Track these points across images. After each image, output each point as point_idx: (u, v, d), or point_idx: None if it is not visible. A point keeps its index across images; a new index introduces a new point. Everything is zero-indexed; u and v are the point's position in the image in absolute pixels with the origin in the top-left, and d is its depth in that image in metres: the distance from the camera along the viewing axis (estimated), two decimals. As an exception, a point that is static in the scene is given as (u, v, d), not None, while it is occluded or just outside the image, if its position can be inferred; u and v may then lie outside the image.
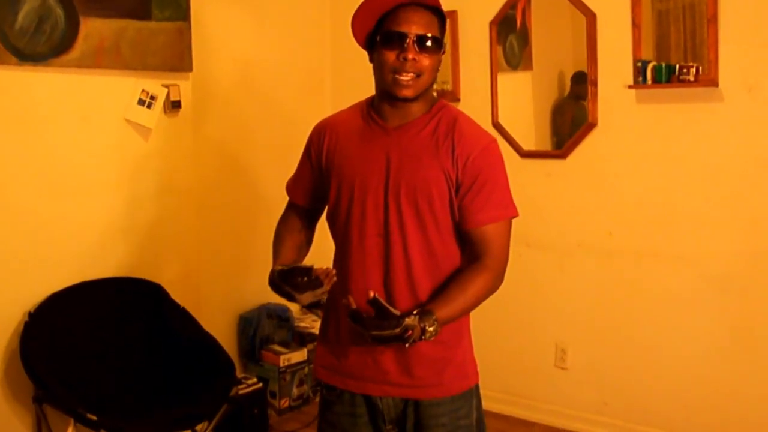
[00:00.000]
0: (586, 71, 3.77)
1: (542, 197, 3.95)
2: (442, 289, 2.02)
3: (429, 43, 1.96)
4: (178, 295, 3.52)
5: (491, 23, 4.01)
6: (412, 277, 2.02)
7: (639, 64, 3.54)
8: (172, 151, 3.67)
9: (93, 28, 3.27)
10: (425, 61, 1.96)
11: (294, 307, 4.42)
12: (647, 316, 3.71)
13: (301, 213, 2.29)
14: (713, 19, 3.34)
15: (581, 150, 3.83)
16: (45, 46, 3.15)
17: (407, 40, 1.94)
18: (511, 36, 4.03)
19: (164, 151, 3.63)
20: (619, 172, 3.74)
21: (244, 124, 4.18)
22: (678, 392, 3.64)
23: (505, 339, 4.13)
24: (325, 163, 2.14)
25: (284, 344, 4.20)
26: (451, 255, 2.06)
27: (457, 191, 2.00)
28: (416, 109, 2.04)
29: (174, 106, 3.61)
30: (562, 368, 3.99)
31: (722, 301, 3.50)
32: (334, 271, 1.96)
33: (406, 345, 1.87)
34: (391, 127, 2.05)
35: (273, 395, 4.08)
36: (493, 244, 2.02)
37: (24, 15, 3.07)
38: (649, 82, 3.53)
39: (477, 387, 2.17)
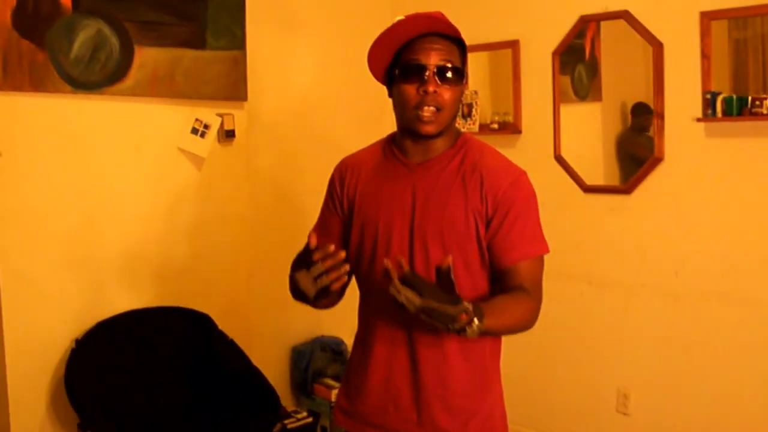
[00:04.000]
0: (646, 102, 3.62)
1: (605, 234, 3.80)
2: (492, 298, 1.86)
3: (450, 75, 1.86)
4: (226, 325, 3.50)
5: (554, 53, 3.90)
6: None
7: (708, 96, 3.37)
8: (225, 180, 3.66)
9: (148, 57, 3.30)
10: (446, 93, 1.86)
11: (348, 341, 4.34)
12: (715, 361, 3.50)
13: None
14: (789, 49, 3.18)
15: (646, 185, 3.67)
16: (99, 75, 3.18)
17: (427, 72, 1.84)
18: (579, 66, 3.91)
19: (217, 181, 3.62)
20: (686, 209, 3.56)
21: (297, 155, 4.13)
22: (748, 444, 3.43)
23: (565, 381, 3.98)
24: (347, 203, 2.05)
25: (337, 378, 4.12)
26: (479, 295, 1.93)
27: (487, 227, 1.88)
28: (440, 144, 1.94)
29: (228, 135, 3.61)
30: (624, 414, 3.80)
31: (797, 349, 3.29)
32: (333, 250, 1.78)
33: (448, 329, 1.66)
34: (414, 163, 1.96)
35: (324, 430, 3.99)
36: (526, 281, 1.88)
37: (79, 44, 3.12)
38: (719, 114, 3.35)
39: None
